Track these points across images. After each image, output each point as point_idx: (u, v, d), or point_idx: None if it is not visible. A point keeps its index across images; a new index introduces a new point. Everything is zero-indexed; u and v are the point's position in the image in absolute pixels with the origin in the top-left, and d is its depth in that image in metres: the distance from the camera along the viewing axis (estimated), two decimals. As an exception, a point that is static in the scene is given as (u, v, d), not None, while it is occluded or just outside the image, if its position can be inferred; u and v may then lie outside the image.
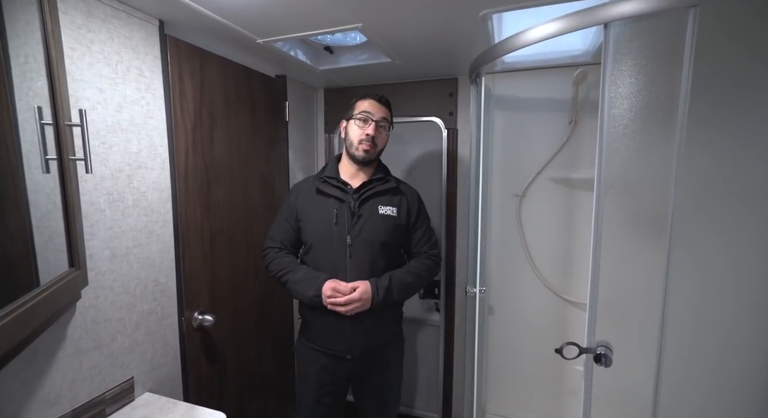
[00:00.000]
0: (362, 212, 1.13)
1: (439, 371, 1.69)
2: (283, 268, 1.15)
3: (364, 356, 1.17)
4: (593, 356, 0.84)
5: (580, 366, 1.50)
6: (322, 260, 1.14)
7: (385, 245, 1.15)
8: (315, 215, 1.15)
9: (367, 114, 1.12)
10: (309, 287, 1.09)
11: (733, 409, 1.06)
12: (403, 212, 1.18)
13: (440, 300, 1.66)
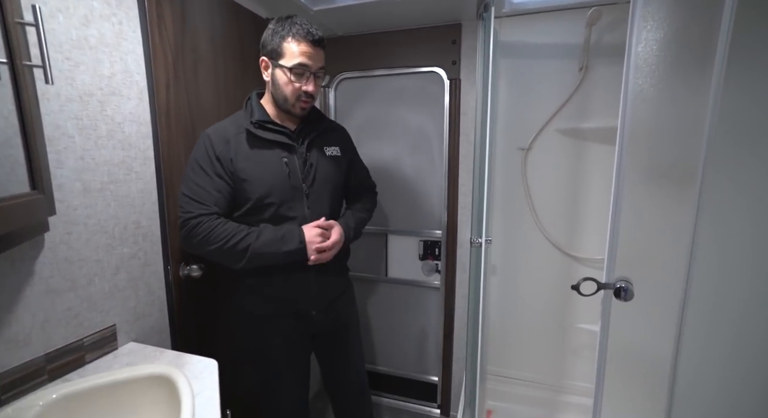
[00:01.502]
0: (312, 157, 1.04)
1: (439, 334, 1.65)
2: (233, 234, 0.94)
3: (327, 309, 1.11)
4: (613, 290, 0.78)
5: (584, 324, 1.47)
6: (279, 218, 1.00)
7: (338, 188, 1.12)
8: (262, 168, 0.98)
9: (305, 68, 0.94)
10: (286, 241, 0.97)
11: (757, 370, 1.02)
12: (344, 150, 1.15)
13: (441, 261, 1.60)
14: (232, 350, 1.18)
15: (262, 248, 0.96)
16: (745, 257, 0.83)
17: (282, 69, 0.95)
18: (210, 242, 0.94)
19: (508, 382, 1.54)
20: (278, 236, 0.97)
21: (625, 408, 0.99)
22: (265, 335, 1.11)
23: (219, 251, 0.94)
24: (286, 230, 0.98)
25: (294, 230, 0.99)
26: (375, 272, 1.72)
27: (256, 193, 0.98)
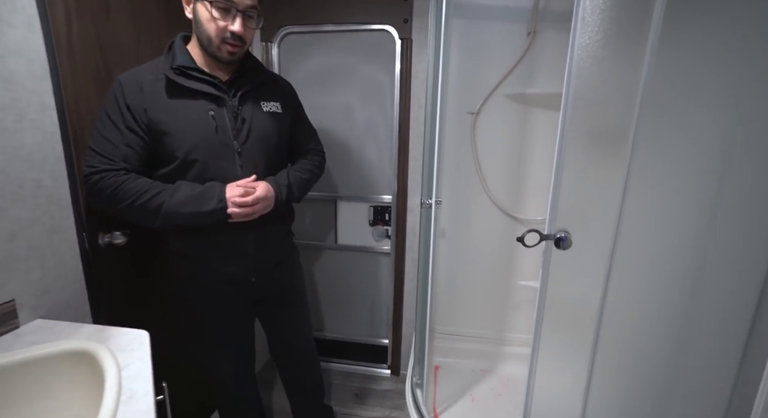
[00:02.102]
0: (245, 112, 0.94)
1: (390, 298, 1.67)
2: (144, 191, 0.84)
3: (269, 275, 1.06)
4: (553, 241, 0.82)
5: (525, 282, 1.57)
6: (207, 179, 0.90)
7: (277, 148, 1.02)
8: (183, 120, 0.87)
9: (229, 3, 0.83)
10: (205, 199, 0.87)
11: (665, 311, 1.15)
12: (287, 106, 1.05)
13: (391, 226, 1.59)
14: (169, 320, 1.09)
15: (178, 207, 0.86)
16: (667, 211, 0.92)
17: (203, 3, 0.83)
18: (118, 199, 0.84)
19: (454, 339, 1.61)
20: (195, 193, 0.87)
21: (558, 353, 1.08)
22: (202, 303, 1.03)
23: (129, 209, 0.85)
24: (205, 187, 0.89)
25: (214, 186, 0.89)
26: (325, 240, 1.68)
27: (181, 150, 0.87)
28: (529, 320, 0.93)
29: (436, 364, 1.59)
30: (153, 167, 0.90)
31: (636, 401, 0.92)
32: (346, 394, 1.65)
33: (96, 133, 0.84)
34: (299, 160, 1.14)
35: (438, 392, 1.46)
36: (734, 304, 0.83)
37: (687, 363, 0.89)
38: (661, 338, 0.92)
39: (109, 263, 1.00)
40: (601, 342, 0.89)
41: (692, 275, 0.88)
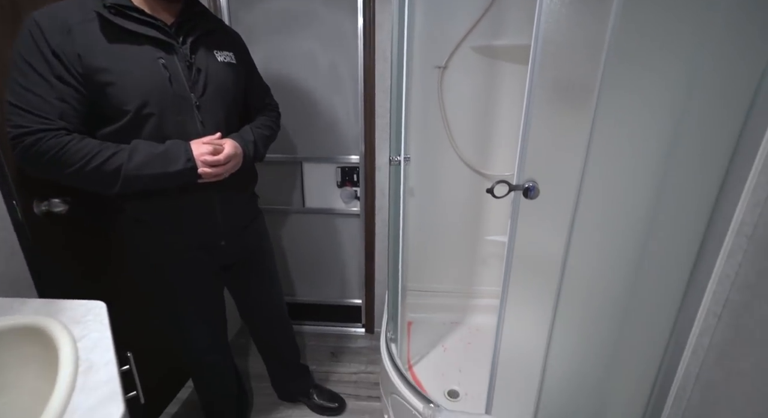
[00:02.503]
0: (199, 61, 0.86)
1: (361, 259, 1.67)
2: (96, 153, 0.74)
3: (238, 239, 1.02)
4: (522, 191, 0.83)
5: (492, 237, 1.61)
6: (164, 137, 0.82)
7: (236, 103, 0.96)
8: (129, 68, 0.76)
9: None
10: (170, 159, 0.79)
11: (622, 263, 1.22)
12: (240, 58, 0.97)
13: (360, 187, 1.56)
14: (131, 290, 1.03)
15: (140, 169, 0.78)
16: (627, 161, 0.95)
17: None
18: (63, 164, 0.73)
19: (425, 295, 1.66)
20: (158, 153, 0.79)
21: (523, 302, 1.13)
22: (170, 272, 0.97)
23: (79, 175, 0.75)
24: (168, 146, 0.81)
25: (178, 144, 0.82)
26: (291, 203, 1.62)
27: (131, 103, 0.77)
28: (497, 273, 0.96)
29: (409, 320, 1.64)
30: (95, 125, 0.80)
31: (593, 339, 1.00)
32: (322, 353, 1.69)
33: (15, 86, 0.71)
34: (257, 117, 1.07)
35: (411, 346, 1.52)
36: (679, 251, 0.89)
37: (637, 305, 0.96)
38: (616, 282, 0.98)
39: (50, 233, 0.91)
40: (563, 289, 0.94)
41: (646, 226, 0.93)
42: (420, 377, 1.36)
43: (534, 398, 1.00)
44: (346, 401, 1.43)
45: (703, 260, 0.83)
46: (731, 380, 0.71)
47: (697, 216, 0.84)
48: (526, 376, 1.03)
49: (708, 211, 0.82)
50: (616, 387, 0.99)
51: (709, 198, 0.82)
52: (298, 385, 1.42)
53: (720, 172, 0.79)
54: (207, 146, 0.83)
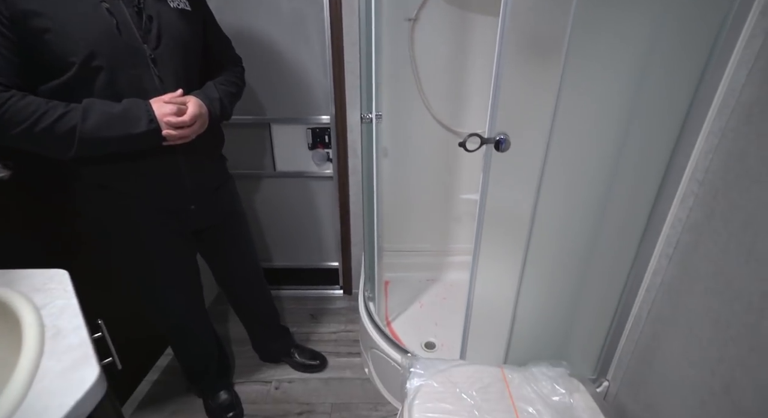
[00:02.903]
0: (149, 7, 0.78)
1: (336, 222, 1.66)
2: (43, 112, 0.68)
3: (208, 202, 0.99)
4: (493, 143, 0.84)
5: (465, 195, 1.64)
6: (118, 94, 0.75)
7: (194, 54, 0.89)
8: (68, 13, 0.68)
9: None
10: (131, 120, 0.74)
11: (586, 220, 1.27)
12: (195, 5, 0.89)
13: (332, 148, 1.52)
14: (98, 259, 0.99)
15: (98, 131, 0.72)
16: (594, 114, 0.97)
17: None
18: (6, 125, 0.67)
19: (401, 255, 1.70)
20: (116, 113, 0.73)
21: (495, 256, 1.18)
22: (138, 241, 0.94)
23: (27, 137, 0.69)
24: (126, 105, 0.75)
25: (138, 104, 0.76)
26: (261, 168, 1.57)
27: (77, 53, 0.70)
28: (471, 231, 0.98)
29: (386, 279, 1.68)
30: (37, 79, 0.72)
31: (559, 285, 1.06)
32: (302, 316, 1.72)
33: None
34: (218, 73, 1.00)
35: (389, 304, 1.56)
36: (638, 199, 0.94)
37: (599, 252, 1.02)
38: (581, 231, 1.03)
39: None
40: (532, 241, 0.98)
41: (609, 176, 0.97)
42: (398, 332, 1.42)
43: (505, 341, 1.07)
44: (327, 359, 1.48)
45: (658, 206, 0.88)
46: (677, 313, 0.78)
47: (656, 165, 0.88)
48: (497, 323, 1.09)
49: (666, 159, 0.86)
50: (579, 325, 1.07)
51: (668, 147, 0.85)
52: (280, 346, 1.45)
53: (678, 124, 0.82)
54: (170, 106, 0.77)
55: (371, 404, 1.32)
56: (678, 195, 0.83)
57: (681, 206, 0.82)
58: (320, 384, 1.40)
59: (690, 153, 0.79)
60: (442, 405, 0.86)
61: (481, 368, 0.96)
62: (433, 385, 0.91)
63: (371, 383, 1.39)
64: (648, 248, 0.91)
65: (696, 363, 0.66)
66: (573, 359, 1.01)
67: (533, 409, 0.85)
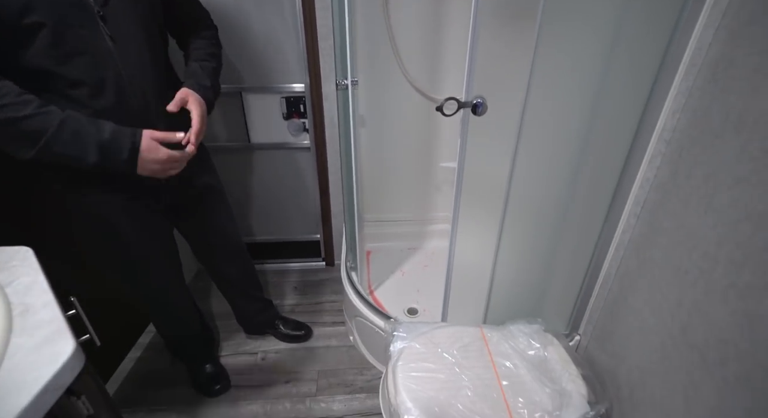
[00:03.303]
0: None
1: (315, 193, 1.65)
2: (14, 103, 0.64)
3: (182, 175, 0.94)
4: (470, 107, 0.83)
5: (444, 163, 1.64)
6: (61, 56, 0.69)
7: (154, 14, 0.82)
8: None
9: None
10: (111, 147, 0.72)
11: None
12: None
13: (308, 118, 1.48)
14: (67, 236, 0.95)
15: (67, 147, 0.70)
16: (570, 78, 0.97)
17: None
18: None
19: (382, 225, 1.71)
20: (97, 131, 0.71)
21: (474, 223, 1.20)
22: (107, 220, 0.90)
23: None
24: (114, 129, 0.73)
25: (125, 132, 0.74)
26: (235, 139, 1.52)
27: (9, 5, 0.63)
28: (450, 199, 0.99)
29: (368, 249, 1.70)
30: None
31: (535, 247, 1.10)
32: (285, 289, 1.72)
33: None
34: (193, 41, 0.93)
35: (371, 273, 1.59)
36: (610, 161, 0.96)
37: (573, 214, 1.05)
38: (556, 195, 1.06)
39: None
40: (509, 206, 1.00)
41: (582, 139, 0.98)
42: (381, 300, 1.45)
43: (484, 303, 1.11)
44: (312, 329, 1.50)
45: (628, 168, 0.91)
46: (643, 267, 0.82)
47: (628, 126, 0.89)
48: (476, 286, 1.13)
49: (637, 120, 0.88)
50: (553, 285, 1.12)
51: (639, 108, 0.87)
52: (264, 318, 1.46)
53: (649, 84, 0.83)
54: (164, 151, 0.77)
55: (357, 369, 1.37)
56: (647, 156, 0.86)
57: (649, 167, 0.85)
58: (306, 353, 1.43)
59: (659, 113, 0.81)
60: (424, 364, 0.89)
61: (462, 328, 1.00)
62: (415, 346, 0.94)
63: (356, 350, 1.43)
64: (618, 208, 0.95)
65: (657, 310, 0.70)
66: (548, 317, 1.06)
67: (510, 363, 0.90)
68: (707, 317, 0.54)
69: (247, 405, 1.25)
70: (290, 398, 1.27)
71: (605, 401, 0.80)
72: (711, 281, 0.55)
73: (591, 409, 0.79)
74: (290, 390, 1.29)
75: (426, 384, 0.84)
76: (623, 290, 0.89)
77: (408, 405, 0.80)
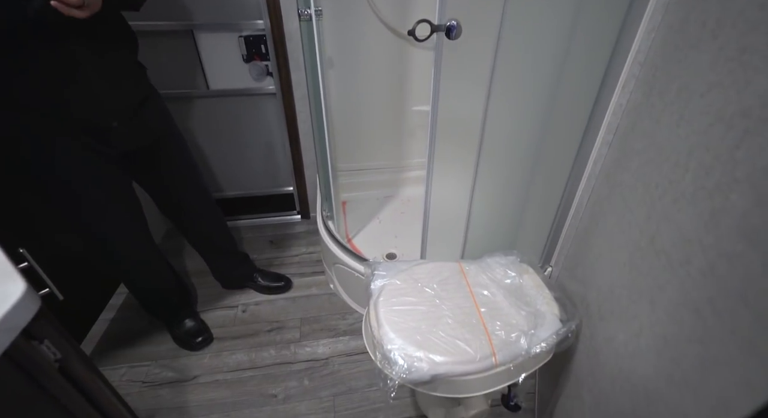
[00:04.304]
0: None
1: (285, 143, 1.58)
2: None
3: (134, 118, 0.87)
4: (444, 30, 0.78)
5: (417, 107, 1.60)
6: None
7: None
8: None
9: None
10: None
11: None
12: None
13: (270, 60, 1.37)
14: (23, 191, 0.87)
15: None
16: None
17: None
18: None
19: (357, 174, 1.67)
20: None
21: (449, 165, 1.19)
22: (55, 169, 0.82)
23: None
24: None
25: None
26: (192, 86, 1.40)
27: None
28: (425, 144, 0.97)
29: (343, 200, 1.67)
30: None
31: (510, 183, 1.11)
32: (261, 243, 1.69)
33: None
34: None
35: (348, 223, 1.58)
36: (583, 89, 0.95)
37: (547, 146, 1.06)
38: (530, 127, 1.05)
39: None
40: (484, 144, 0.99)
41: (557, 68, 0.96)
42: (359, 247, 1.45)
43: (461, 241, 1.13)
44: (292, 280, 1.50)
45: (601, 96, 0.90)
46: (614, 192, 0.84)
47: (602, 53, 0.87)
48: (454, 225, 1.14)
49: (611, 47, 0.86)
50: (528, 220, 1.15)
51: (614, 34, 0.85)
52: (241, 271, 1.43)
53: (624, 6, 0.80)
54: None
55: (339, 314, 1.39)
56: (620, 81, 0.85)
57: (623, 92, 0.85)
58: (287, 303, 1.43)
59: (634, 35, 0.79)
60: (405, 298, 0.91)
61: (440, 263, 1.02)
62: (396, 283, 0.95)
63: (338, 297, 1.45)
64: (590, 138, 0.95)
65: (626, 229, 0.73)
66: (523, 251, 1.10)
67: (488, 292, 0.93)
68: (675, 223, 0.56)
69: (231, 355, 1.25)
70: (275, 345, 1.28)
71: (576, 318, 0.85)
72: (680, 188, 0.56)
73: (563, 326, 0.84)
74: (274, 338, 1.31)
75: (408, 316, 0.86)
76: (594, 217, 0.92)
77: (391, 336, 0.82)
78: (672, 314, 0.53)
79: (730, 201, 0.45)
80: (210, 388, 1.16)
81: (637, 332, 0.63)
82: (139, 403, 1.12)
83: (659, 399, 0.53)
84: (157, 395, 1.14)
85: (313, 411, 1.11)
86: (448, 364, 0.77)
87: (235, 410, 1.11)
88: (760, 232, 0.40)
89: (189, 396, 1.14)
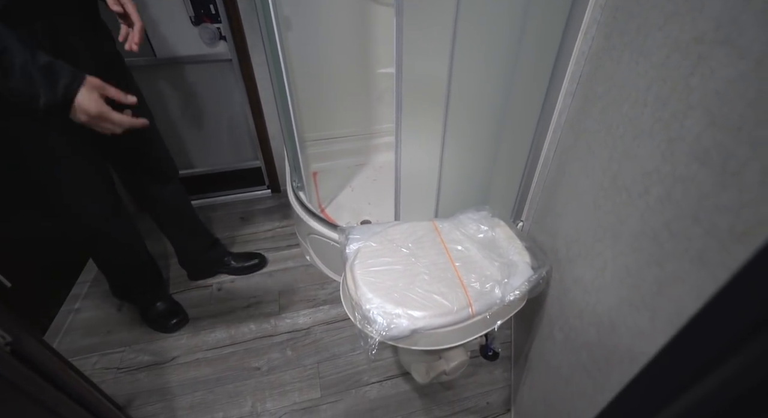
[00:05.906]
0: None
1: (247, 114, 1.50)
2: None
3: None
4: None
5: (383, 69, 1.55)
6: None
7: None
8: None
9: None
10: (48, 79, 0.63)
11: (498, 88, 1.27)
12: None
13: (222, 22, 1.28)
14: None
15: None
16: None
17: None
18: None
19: (326, 143, 1.63)
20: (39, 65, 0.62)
21: (418, 126, 1.17)
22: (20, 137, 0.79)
23: None
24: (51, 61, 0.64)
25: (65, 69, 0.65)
26: (135, 54, 1.28)
27: None
28: (393, 109, 0.94)
29: (314, 170, 1.63)
30: None
31: (479, 141, 1.11)
32: (232, 220, 1.64)
33: None
34: None
35: (320, 193, 1.55)
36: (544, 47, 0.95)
37: (512, 110, 1.06)
38: (496, 84, 1.04)
39: None
40: (451, 104, 0.97)
41: (519, 20, 0.95)
42: (333, 216, 1.43)
43: (434, 202, 1.13)
44: (266, 255, 1.47)
45: (564, 45, 0.90)
46: (579, 140, 0.85)
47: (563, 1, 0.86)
48: (426, 186, 1.14)
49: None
50: (498, 177, 1.16)
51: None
52: (211, 256, 1.37)
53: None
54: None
55: (317, 284, 1.39)
56: (582, 27, 0.84)
57: (585, 39, 0.84)
58: (264, 278, 1.41)
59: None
60: (381, 259, 0.91)
61: (414, 223, 1.02)
62: (371, 245, 0.95)
63: (315, 267, 1.44)
64: (554, 90, 0.95)
65: (590, 172, 0.75)
66: (494, 208, 1.11)
67: (462, 247, 0.94)
68: (635, 159, 0.57)
69: (210, 333, 1.23)
70: (254, 320, 1.27)
71: (546, 265, 0.88)
72: (638, 124, 0.58)
73: (534, 273, 0.87)
74: (253, 313, 1.29)
75: (384, 275, 0.86)
76: (561, 166, 0.94)
77: (369, 296, 0.82)
78: (632, 244, 0.56)
79: (685, 128, 0.46)
80: (191, 367, 1.14)
81: (602, 267, 0.65)
82: (115, 389, 1.09)
83: (622, 324, 0.56)
84: (135, 380, 1.11)
85: (298, 379, 1.11)
86: (426, 318, 0.78)
87: (219, 385, 1.10)
88: (710, 151, 0.42)
89: (169, 377, 1.12)
